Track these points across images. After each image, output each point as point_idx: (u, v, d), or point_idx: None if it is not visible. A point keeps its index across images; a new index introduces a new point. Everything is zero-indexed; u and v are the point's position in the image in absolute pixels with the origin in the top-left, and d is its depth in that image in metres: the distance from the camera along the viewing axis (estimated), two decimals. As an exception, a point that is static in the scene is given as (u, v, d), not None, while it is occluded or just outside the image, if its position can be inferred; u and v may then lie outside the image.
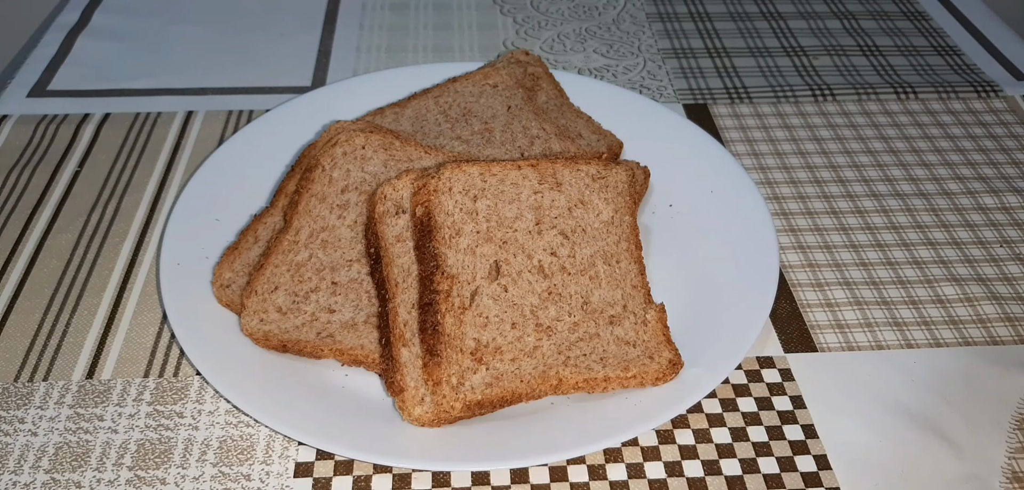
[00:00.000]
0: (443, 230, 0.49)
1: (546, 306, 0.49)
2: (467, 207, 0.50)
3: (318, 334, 0.50)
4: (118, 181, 0.66)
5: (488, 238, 0.49)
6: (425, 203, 0.49)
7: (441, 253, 0.48)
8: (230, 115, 0.73)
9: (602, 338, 0.49)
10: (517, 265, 0.49)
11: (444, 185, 0.50)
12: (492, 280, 0.48)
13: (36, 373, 0.51)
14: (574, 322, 0.49)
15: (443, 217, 0.49)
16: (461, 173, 0.50)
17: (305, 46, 0.84)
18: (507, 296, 0.48)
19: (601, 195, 0.52)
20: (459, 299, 0.47)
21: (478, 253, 0.49)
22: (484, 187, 0.50)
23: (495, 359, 0.47)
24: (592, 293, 0.50)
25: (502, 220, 0.50)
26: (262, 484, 0.45)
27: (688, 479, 0.46)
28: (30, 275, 0.58)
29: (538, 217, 0.51)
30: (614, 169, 0.53)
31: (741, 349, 0.49)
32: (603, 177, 0.53)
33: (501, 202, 0.50)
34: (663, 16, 0.90)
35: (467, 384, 0.46)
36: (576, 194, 0.52)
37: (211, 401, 0.50)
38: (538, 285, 0.49)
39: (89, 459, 0.46)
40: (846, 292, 0.58)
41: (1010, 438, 0.49)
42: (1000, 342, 0.54)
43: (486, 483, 0.46)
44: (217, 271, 0.53)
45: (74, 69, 0.79)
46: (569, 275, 0.50)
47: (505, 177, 0.51)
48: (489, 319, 0.47)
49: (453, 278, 0.48)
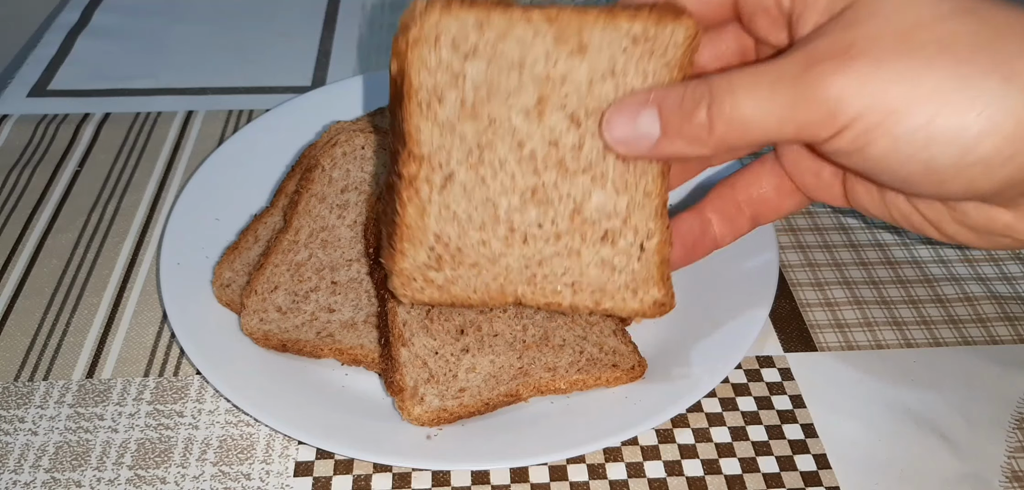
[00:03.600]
0: (419, 95, 0.39)
1: (526, 208, 0.41)
2: (454, 68, 0.39)
3: (318, 333, 0.50)
4: (118, 181, 0.66)
5: (473, 114, 0.39)
6: (401, 57, 0.39)
7: (411, 127, 0.39)
8: (230, 115, 0.73)
9: (582, 258, 0.42)
10: (502, 152, 0.40)
11: (428, 34, 0.38)
12: (470, 168, 0.40)
13: (36, 372, 0.51)
14: (556, 232, 0.41)
15: (422, 78, 0.38)
16: (451, 19, 0.38)
17: (305, 46, 0.84)
18: (483, 189, 0.40)
19: (640, 64, 0.40)
20: (428, 185, 0.40)
21: (458, 132, 0.39)
22: (479, 43, 0.38)
23: (453, 262, 0.41)
24: (589, 198, 0.41)
25: (494, 91, 0.39)
26: (262, 483, 0.45)
27: (688, 478, 0.46)
28: (30, 274, 0.58)
29: (542, 93, 0.39)
30: (668, 24, 0.39)
31: (741, 348, 0.49)
32: (650, 38, 0.39)
33: (497, 67, 0.39)
34: None
35: (418, 282, 0.41)
36: (604, 62, 0.39)
37: (211, 400, 0.50)
38: (523, 181, 0.41)
39: (89, 458, 0.46)
40: (846, 291, 0.58)
41: (1009, 437, 0.49)
42: (1000, 341, 0.55)
43: (486, 482, 0.46)
44: (217, 271, 0.53)
45: (74, 69, 0.79)
46: (566, 173, 0.41)
47: (509, 31, 0.38)
48: (457, 214, 0.40)
49: (422, 160, 0.40)
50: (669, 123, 0.39)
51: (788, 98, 0.36)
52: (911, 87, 0.34)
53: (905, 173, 0.36)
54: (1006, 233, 0.39)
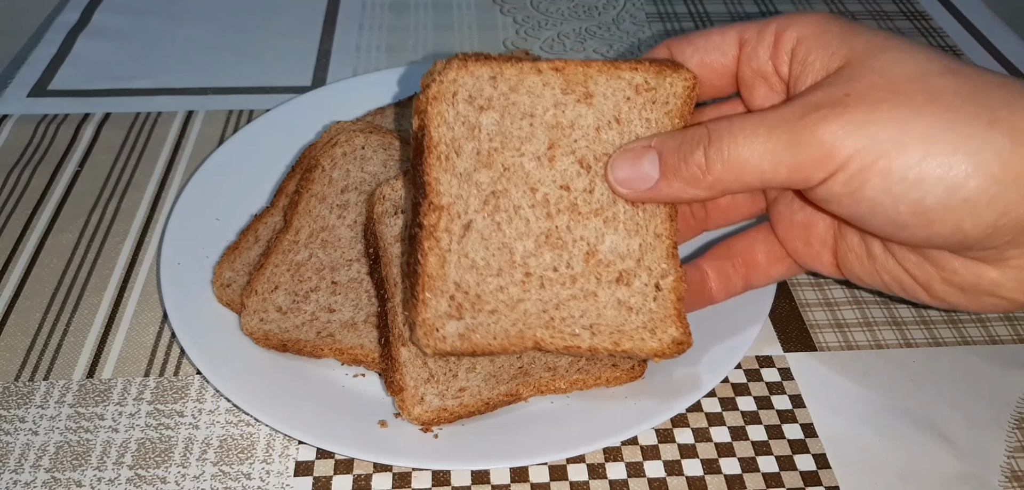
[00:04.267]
0: (439, 148, 0.41)
1: (541, 252, 0.42)
2: (471, 121, 0.41)
3: (318, 333, 0.50)
4: (118, 181, 0.66)
5: (488, 162, 0.41)
6: (422, 114, 0.41)
7: (431, 179, 0.41)
8: (230, 115, 0.73)
9: (599, 299, 0.43)
10: (516, 198, 0.42)
11: (446, 91, 0.41)
12: (487, 216, 0.41)
13: (37, 372, 0.51)
14: (571, 275, 0.42)
15: (441, 132, 0.41)
16: (468, 76, 0.41)
17: (305, 46, 0.84)
18: (499, 236, 0.42)
19: (643, 113, 0.43)
20: (447, 235, 0.41)
21: (474, 180, 0.41)
22: (493, 95, 0.41)
23: (473, 309, 0.42)
24: (602, 241, 0.43)
25: (507, 140, 0.41)
26: (262, 483, 0.46)
27: (688, 478, 0.46)
28: (31, 274, 0.58)
29: (553, 140, 0.42)
30: (668, 76, 0.43)
31: (740, 348, 0.49)
32: (652, 88, 0.42)
33: (510, 117, 0.41)
34: (663, 16, 0.90)
35: (440, 332, 0.41)
36: (610, 111, 0.42)
37: (211, 400, 0.50)
38: (538, 225, 0.42)
39: (90, 458, 0.46)
40: (845, 291, 0.58)
41: (1009, 437, 0.49)
42: (999, 341, 0.55)
43: (486, 482, 0.46)
44: (217, 270, 0.53)
45: (74, 69, 0.79)
46: (579, 216, 0.42)
47: (520, 83, 0.41)
48: (475, 262, 0.42)
49: (442, 210, 0.41)
50: (668, 165, 0.42)
51: (785, 141, 0.38)
52: (902, 131, 0.37)
53: (896, 215, 0.38)
54: (993, 291, 0.41)
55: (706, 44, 0.46)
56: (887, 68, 0.39)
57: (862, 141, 0.37)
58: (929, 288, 0.43)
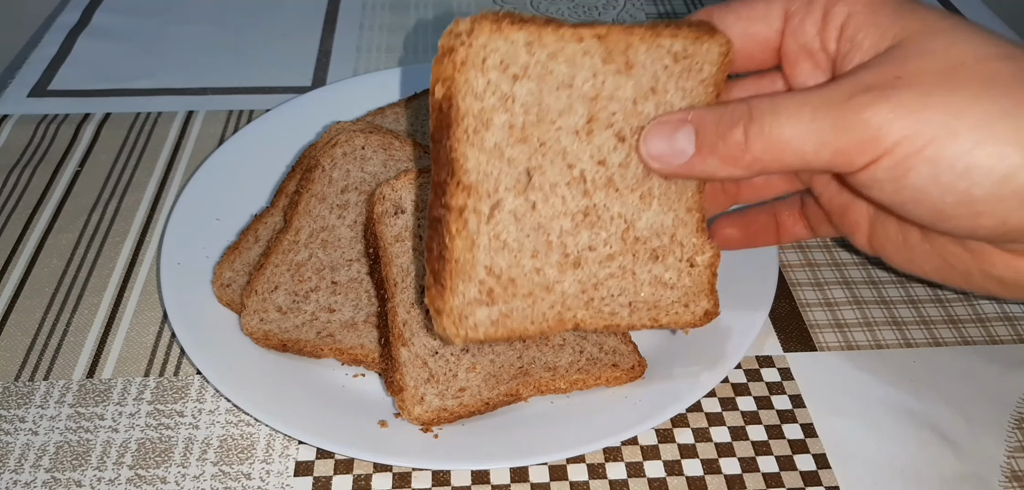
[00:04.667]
0: (466, 121, 0.37)
1: (579, 231, 0.40)
2: (503, 91, 0.37)
3: (318, 333, 0.50)
4: (118, 181, 0.66)
5: (523, 137, 0.38)
6: (448, 82, 0.37)
7: (458, 155, 0.37)
8: (230, 115, 0.73)
9: (637, 277, 0.42)
10: (553, 175, 0.39)
11: (475, 56, 0.37)
12: (519, 193, 0.39)
13: (37, 372, 0.51)
14: (609, 254, 0.41)
15: (469, 103, 0.37)
16: (501, 40, 0.37)
17: (305, 46, 0.84)
18: (534, 215, 0.39)
19: (679, 82, 0.41)
20: (475, 216, 0.38)
21: (506, 156, 0.38)
22: (529, 63, 0.38)
23: (507, 293, 0.39)
24: (639, 217, 0.41)
25: (544, 113, 0.38)
26: (262, 483, 0.46)
27: (687, 478, 0.46)
28: (31, 274, 0.58)
29: (592, 112, 0.39)
30: (706, 43, 0.41)
31: (740, 348, 0.49)
32: (688, 56, 0.41)
33: (547, 87, 0.38)
34: (663, 16, 0.90)
35: (471, 320, 0.39)
36: (648, 80, 0.40)
37: (211, 400, 0.50)
38: (574, 203, 0.40)
39: (90, 458, 0.46)
40: (845, 291, 0.58)
41: (1009, 437, 0.49)
42: (999, 341, 0.55)
43: (486, 482, 0.46)
44: (217, 270, 0.53)
45: (74, 69, 0.79)
46: (615, 192, 0.41)
47: (560, 51, 0.38)
48: (507, 243, 0.39)
49: (470, 189, 0.38)
50: (705, 141, 0.40)
51: (830, 121, 0.37)
52: (955, 117, 0.35)
53: (941, 204, 0.37)
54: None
55: (750, 13, 0.43)
56: (942, 51, 0.37)
57: (911, 126, 0.35)
58: (968, 278, 0.42)
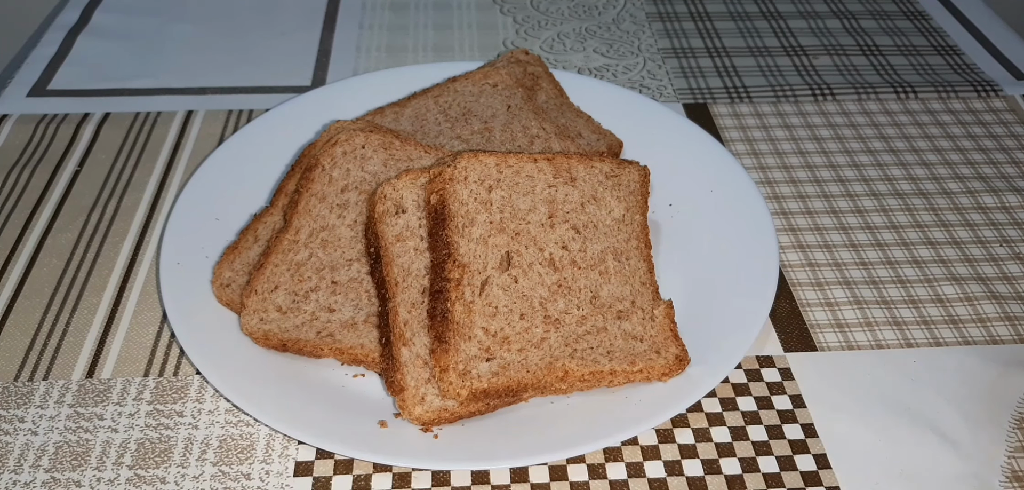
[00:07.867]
0: (457, 219, 0.49)
1: (555, 298, 0.49)
2: (481, 197, 0.50)
3: (318, 333, 0.50)
4: (118, 180, 0.66)
5: (501, 229, 0.50)
6: (440, 191, 0.50)
7: (454, 242, 0.48)
8: (230, 115, 0.73)
9: (610, 332, 0.49)
10: (528, 257, 0.50)
11: (460, 174, 0.50)
12: (503, 270, 0.49)
13: (36, 372, 0.51)
14: (582, 315, 0.49)
15: (457, 206, 0.49)
16: (477, 163, 0.51)
17: (305, 46, 0.84)
18: (517, 287, 0.49)
19: (614, 193, 0.53)
20: (470, 288, 0.48)
21: (490, 243, 0.49)
22: (499, 178, 0.51)
23: (502, 349, 0.47)
24: (601, 288, 0.50)
25: (515, 212, 0.51)
26: (262, 483, 0.45)
27: (688, 478, 0.46)
28: (30, 274, 0.58)
29: (551, 211, 0.51)
30: (627, 168, 0.54)
31: (741, 348, 0.49)
32: (616, 175, 0.54)
33: (515, 194, 0.51)
34: (663, 15, 0.90)
35: (474, 372, 0.46)
36: (589, 190, 0.53)
37: (211, 400, 0.50)
38: (548, 278, 0.50)
39: (89, 458, 0.46)
40: (846, 291, 0.58)
41: (1009, 437, 0.49)
42: (999, 341, 0.55)
43: (486, 482, 0.46)
44: (217, 270, 0.53)
45: (74, 69, 0.79)
46: (579, 269, 0.50)
47: (520, 169, 0.52)
48: (498, 309, 0.48)
49: (464, 267, 0.48)
50: None
51: None
52: None
53: None
54: None
55: None
56: None
57: None
58: None
